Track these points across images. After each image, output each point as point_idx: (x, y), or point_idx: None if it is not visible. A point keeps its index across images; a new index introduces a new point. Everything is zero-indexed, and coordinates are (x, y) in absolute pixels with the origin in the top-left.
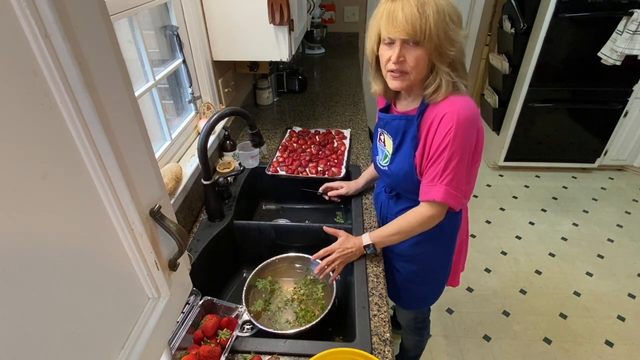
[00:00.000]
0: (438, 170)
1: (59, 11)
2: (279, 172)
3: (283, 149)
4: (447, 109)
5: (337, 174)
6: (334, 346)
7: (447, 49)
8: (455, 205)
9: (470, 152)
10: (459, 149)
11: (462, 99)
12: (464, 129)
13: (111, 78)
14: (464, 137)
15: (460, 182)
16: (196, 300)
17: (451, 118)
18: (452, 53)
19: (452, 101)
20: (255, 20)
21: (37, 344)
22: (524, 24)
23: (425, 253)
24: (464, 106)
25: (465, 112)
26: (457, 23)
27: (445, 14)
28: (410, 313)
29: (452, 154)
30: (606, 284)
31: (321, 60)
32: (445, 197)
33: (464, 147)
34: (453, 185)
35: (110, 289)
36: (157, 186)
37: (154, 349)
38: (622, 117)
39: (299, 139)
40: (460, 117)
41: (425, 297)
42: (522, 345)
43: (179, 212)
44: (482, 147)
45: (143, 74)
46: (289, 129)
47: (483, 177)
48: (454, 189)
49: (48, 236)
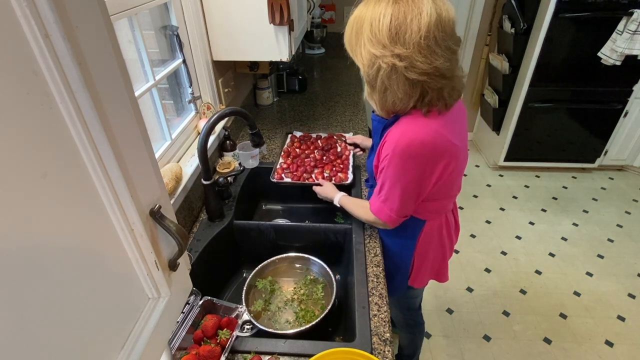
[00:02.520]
0: (379, 187)
1: (59, 11)
2: (284, 179)
3: (286, 155)
4: (394, 134)
5: (345, 179)
6: (334, 346)
7: (358, 62)
8: (388, 222)
9: (412, 179)
10: (394, 177)
11: (411, 127)
12: (399, 161)
13: (111, 78)
14: (399, 168)
15: (395, 205)
16: (196, 300)
17: (389, 145)
18: (363, 69)
19: (405, 126)
20: (255, 20)
21: (37, 344)
22: (524, 24)
23: (391, 247)
24: (407, 135)
25: (404, 144)
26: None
27: (362, 23)
28: (398, 310)
29: (388, 180)
30: (606, 284)
31: (321, 60)
32: (379, 213)
33: (399, 176)
34: (387, 205)
35: (110, 289)
36: (157, 186)
37: (154, 349)
38: (622, 117)
39: (301, 144)
40: (397, 148)
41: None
42: (522, 345)
43: (179, 212)
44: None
45: (143, 74)
46: (290, 134)
47: (483, 177)
48: (388, 209)
49: (48, 236)
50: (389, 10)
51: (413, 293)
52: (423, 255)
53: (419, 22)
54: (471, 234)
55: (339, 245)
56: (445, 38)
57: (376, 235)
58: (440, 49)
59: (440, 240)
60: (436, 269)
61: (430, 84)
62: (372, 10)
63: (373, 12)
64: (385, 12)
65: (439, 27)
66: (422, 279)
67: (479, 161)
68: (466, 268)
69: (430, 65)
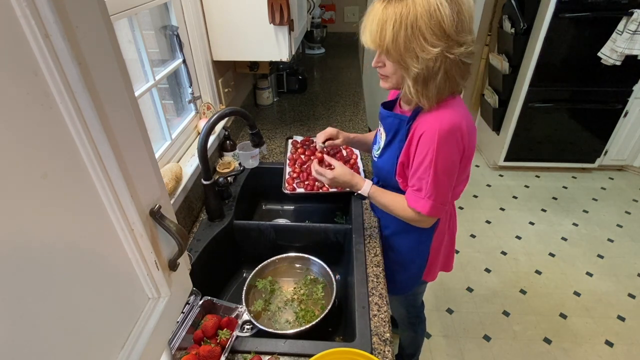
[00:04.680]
0: (425, 185)
1: (59, 11)
2: (297, 190)
3: (292, 163)
4: (431, 123)
5: None
6: (334, 346)
7: (410, 63)
8: (441, 215)
9: (455, 162)
10: (441, 165)
11: (447, 113)
12: (444, 144)
13: (111, 78)
14: (446, 153)
15: (446, 195)
16: (196, 300)
17: (432, 134)
18: (416, 69)
19: (438, 113)
20: (255, 20)
21: (37, 344)
22: (524, 24)
23: (403, 244)
24: (446, 119)
25: (446, 126)
26: (432, 38)
27: (411, 29)
28: (402, 307)
29: (436, 171)
30: (606, 284)
31: (321, 60)
32: (431, 211)
33: (446, 162)
34: (439, 200)
35: (110, 289)
36: (157, 186)
37: (154, 349)
38: (622, 117)
39: (305, 150)
40: (442, 133)
41: (404, 285)
42: (522, 345)
43: (179, 212)
44: (473, 149)
45: (143, 74)
46: (290, 139)
47: (483, 177)
48: (440, 203)
49: (48, 236)
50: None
51: (421, 288)
52: (438, 246)
53: (469, 7)
54: (471, 234)
55: (339, 245)
56: None
57: (376, 235)
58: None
59: (450, 228)
60: (445, 259)
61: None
62: (420, 3)
63: (424, 5)
64: (441, 2)
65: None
66: (435, 271)
67: (479, 161)
68: (466, 268)
69: (472, 46)
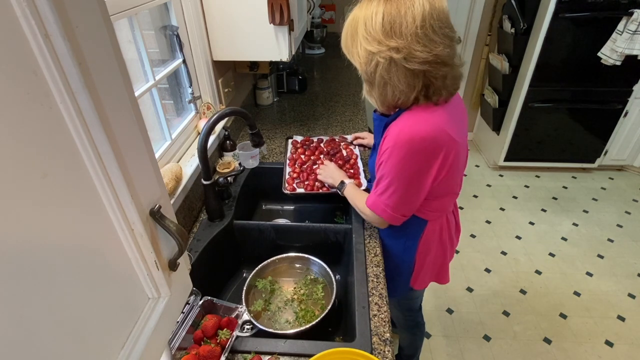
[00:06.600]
0: (381, 186)
1: (59, 11)
2: (297, 190)
3: (292, 163)
4: (394, 129)
5: (359, 186)
6: (334, 346)
7: (356, 62)
8: (391, 222)
9: (411, 176)
10: (392, 172)
11: (411, 121)
12: (399, 155)
13: (111, 78)
14: (398, 163)
15: (391, 200)
16: (196, 300)
17: (389, 139)
18: (361, 67)
19: (406, 119)
20: (255, 20)
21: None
22: (524, 24)
23: (393, 247)
24: (407, 128)
25: (405, 139)
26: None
27: (357, 24)
28: (399, 311)
29: (386, 174)
30: (606, 284)
31: (321, 60)
32: (374, 207)
33: (398, 171)
34: (383, 200)
35: (110, 289)
36: (157, 186)
37: (154, 349)
38: (622, 117)
39: (305, 150)
40: (397, 142)
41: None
42: (522, 345)
43: (179, 212)
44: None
45: (143, 74)
46: (290, 139)
47: (483, 177)
48: (383, 204)
49: (48, 236)
50: (380, 8)
51: (414, 294)
52: (424, 256)
53: (413, 13)
54: (471, 234)
55: (339, 245)
56: (441, 26)
57: (376, 235)
58: (439, 36)
59: (441, 241)
60: (437, 270)
61: (433, 73)
62: (364, 10)
63: (366, 12)
64: (377, 10)
65: (434, 16)
66: (423, 280)
67: (479, 161)
68: (466, 268)
69: (430, 53)
